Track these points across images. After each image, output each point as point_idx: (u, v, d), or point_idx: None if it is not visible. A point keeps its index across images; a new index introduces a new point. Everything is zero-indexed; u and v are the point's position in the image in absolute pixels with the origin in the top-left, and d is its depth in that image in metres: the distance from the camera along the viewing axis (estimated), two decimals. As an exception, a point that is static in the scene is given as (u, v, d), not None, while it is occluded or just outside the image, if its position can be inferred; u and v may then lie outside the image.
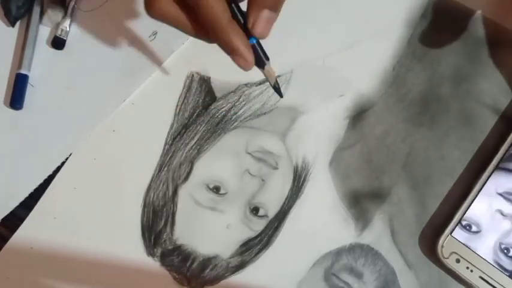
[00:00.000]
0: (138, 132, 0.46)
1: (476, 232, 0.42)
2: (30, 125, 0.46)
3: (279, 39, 0.46)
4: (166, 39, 0.47)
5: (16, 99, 0.46)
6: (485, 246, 0.42)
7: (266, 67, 0.36)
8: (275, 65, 0.40)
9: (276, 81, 0.37)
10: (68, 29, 0.48)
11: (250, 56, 0.34)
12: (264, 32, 0.33)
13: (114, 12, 0.48)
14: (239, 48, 0.33)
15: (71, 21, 0.48)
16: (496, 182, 0.43)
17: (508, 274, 0.41)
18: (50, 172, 0.45)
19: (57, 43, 0.47)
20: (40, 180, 0.45)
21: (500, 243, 0.42)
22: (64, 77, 0.47)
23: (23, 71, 0.46)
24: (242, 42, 0.33)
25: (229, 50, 0.33)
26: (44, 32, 0.48)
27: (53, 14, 0.47)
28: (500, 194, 0.43)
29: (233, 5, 0.33)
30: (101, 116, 0.46)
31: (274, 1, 0.33)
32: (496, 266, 0.41)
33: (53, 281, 0.43)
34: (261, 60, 0.35)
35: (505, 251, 0.42)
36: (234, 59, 0.34)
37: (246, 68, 0.34)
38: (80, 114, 0.46)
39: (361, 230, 0.44)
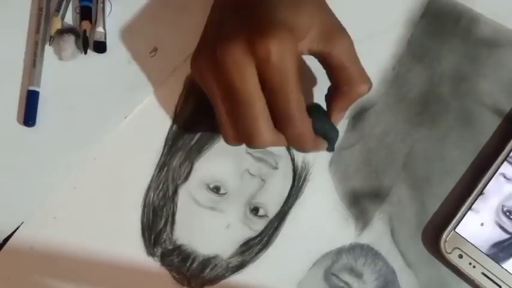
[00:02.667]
0: (138, 132, 0.46)
1: (481, 195, 0.43)
2: (33, 142, 0.46)
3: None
4: (167, 55, 0.47)
5: (29, 116, 0.45)
6: (487, 209, 0.43)
7: None
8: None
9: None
10: (104, 31, 0.47)
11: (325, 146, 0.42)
12: (339, 121, 0.42)
13: (113, 29, 0.48)
14: (320, 149, 0.41)
15: (104, 22, 0.47)
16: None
17: (509, 237, 0.42)
18: (52, 190, 0.45)
19: (100, 47, 0.47)
20: (41, 200, 0.45)
21: (503, 206, 0.42)
22: (64, 94, 0.47)
23: (34, 88, 0.46)
24: (322, 144, 0.41)
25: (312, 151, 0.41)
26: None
27: (64, 42, 0.47)
28: (506, 160, 0.43)
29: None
30: (101, 134, 0.46)
31: (351, 102, 0.41)
32: (498, 262, 0.42)
33: (53, 281, 0.43)
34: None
35: (507, 213, 0.42)
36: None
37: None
38: (81, 132, 0.46)
39: (361, 229, 0.44)
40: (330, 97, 0.41)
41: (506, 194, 0.43)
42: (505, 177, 0.43)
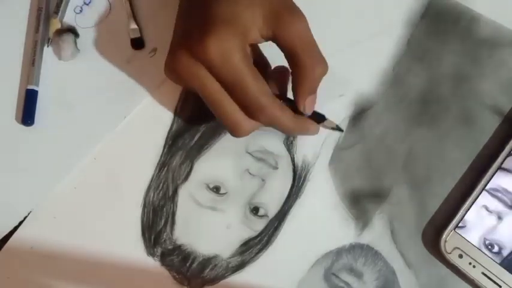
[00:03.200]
0: (138, 132, 0.46)
1: (461, 227, 0.43)
2: (31, 141, 0.46)
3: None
4: (166, 55, 0.47)
5: (28, 116, 0.46)
6: (471, 241, 0.42)
7: (326, 123, 0.42)
8: (276, 64, 0.40)
9: (336, 125, 0.43)
10: (137, 27, 0.48)
11: (317, 127, 0.42)
12: (312, 109, 0.40)
13: (113, 29, 0.48)
14: (309, 129, 0.41)
15: (135, 18, 0.48)
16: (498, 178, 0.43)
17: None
18: (53, 189, 0.45)
19: (137, 44, 0.48)
20: (40, 199, 0.45)
21: (485, 239, 0.42)
22: (63, 93, 0.47)
23: (33, 87, 0.46)
24: (310, 124, 0.41)
25: (304, 134, 0.42)
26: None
27: (63, 42, 0.47)
28: (486, 191, 0.43)
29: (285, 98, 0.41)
30: (101, 134, 0.46)
31: (313, 87, 0.39)
32: (499, 262, 0.42)
33: (53, 281, 0.43)
34: (321, 120, 0.42)
35: (489, 246, 0.42)
36: (309, 135, 0.42)
37: (317, 133, 0.42)
38: (80, 132, 0.46)
39: (361, 229, 0.44)
40: (292, 84, 0.40)
41: (488, 227, 0.42)
42: (487, 209, 0.43)
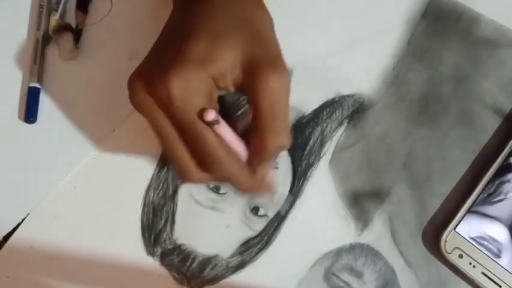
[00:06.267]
0: (138, 131, 0.46)
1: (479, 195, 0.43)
2: (34, 139, 0.46)
3: (279, 39, 0.46)
4: None
5: (30, 113, 0.46)
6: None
7: None
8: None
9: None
10: None
11: (273, 190, 0.40)
12: (262, 177, 0.37)
13: (114, 26, 0.48)
14: (265, 191, 0.39)
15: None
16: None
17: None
18: (54, 187, 0.45)
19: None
20: (42, 197, 0.45)
21: None
22: (65, 91, 0.47)
23: (36, 84, 0.46)
24: (266, 186, 0.39)
25: (259, 195, 0.41)
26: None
27: (65, 40, 0.47)
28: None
29: None
30: (102, 132, 0.46)
31: (266, 158, 0.36)
32: (499, 262, 0.42)
33: (53, 280, 0.43)
34: None
35: None
36: (263, 197, 0.41)
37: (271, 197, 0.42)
38: (82, 130, 0.46)
39: (361, 229, 0.44)
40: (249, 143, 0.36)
41: None
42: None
